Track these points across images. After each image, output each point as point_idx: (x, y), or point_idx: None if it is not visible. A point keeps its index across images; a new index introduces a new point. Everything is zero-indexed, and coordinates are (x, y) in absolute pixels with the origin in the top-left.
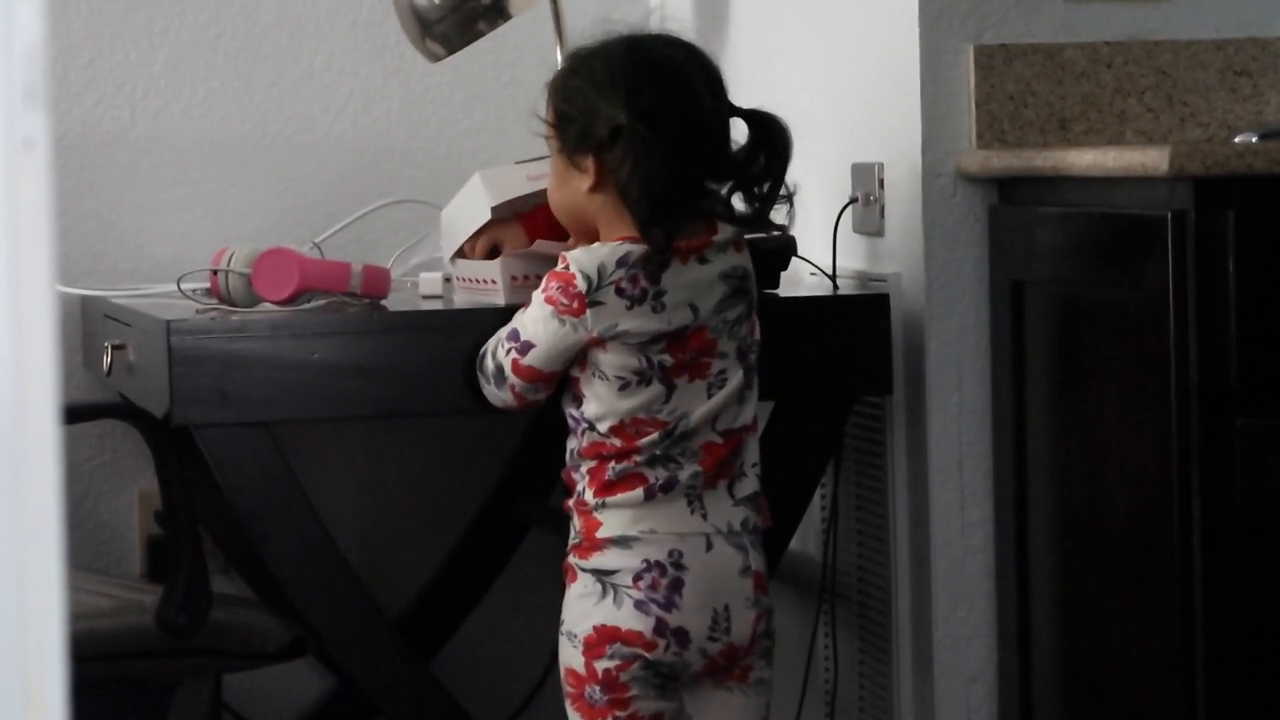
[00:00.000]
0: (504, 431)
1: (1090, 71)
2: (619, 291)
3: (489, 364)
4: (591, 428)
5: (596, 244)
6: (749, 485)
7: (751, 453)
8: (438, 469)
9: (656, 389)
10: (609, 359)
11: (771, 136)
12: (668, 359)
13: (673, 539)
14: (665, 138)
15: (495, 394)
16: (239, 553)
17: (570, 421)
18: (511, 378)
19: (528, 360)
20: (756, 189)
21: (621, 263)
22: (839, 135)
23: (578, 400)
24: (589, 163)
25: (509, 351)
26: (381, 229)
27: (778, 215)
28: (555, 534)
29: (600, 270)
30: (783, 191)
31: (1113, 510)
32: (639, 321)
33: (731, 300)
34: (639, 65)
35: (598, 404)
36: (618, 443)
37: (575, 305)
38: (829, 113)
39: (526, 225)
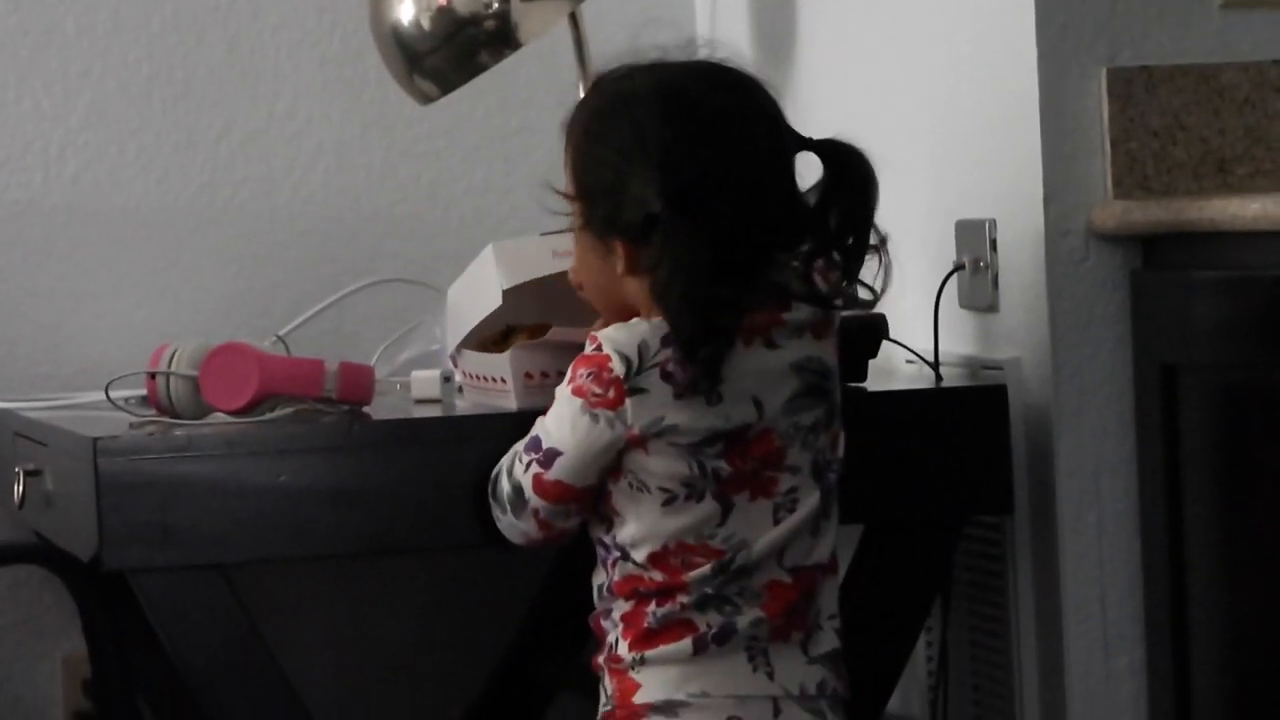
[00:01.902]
0: (522, 569)
1: (1256, 98)
2: (665, 376)
3: (504, 486)
4: (625, 556)
5: (636, 319)
6: (827, 641)
7: (829, 601)
8: (438, 621)
9: (709, 506)
10: (651, 463)
11: (848, 172)
12: (724, 467)
13: (730, 704)
14: (713, 223)
15: (514, 525)
16: None
17: (599, 549)
18: (534, 499)
19: (554, 474)
20: (837, 247)
21: (668, 340)
22: (938, 186)
23: (607, 521)
24: (618, 245)
25: (529, 466)
26: (362, 317)
27: (864, 278)
28: (587, 698)
29: (642, 350)
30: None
31: None
32: (690, 415)
33: (806, 401)
34: (678, 121)
35: (636, 524)
36: (659, 577)
37: (612, 395)
38: (924, 158)
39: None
